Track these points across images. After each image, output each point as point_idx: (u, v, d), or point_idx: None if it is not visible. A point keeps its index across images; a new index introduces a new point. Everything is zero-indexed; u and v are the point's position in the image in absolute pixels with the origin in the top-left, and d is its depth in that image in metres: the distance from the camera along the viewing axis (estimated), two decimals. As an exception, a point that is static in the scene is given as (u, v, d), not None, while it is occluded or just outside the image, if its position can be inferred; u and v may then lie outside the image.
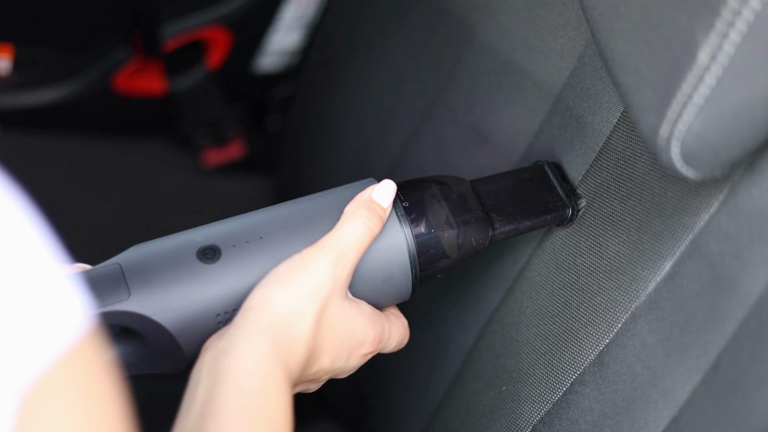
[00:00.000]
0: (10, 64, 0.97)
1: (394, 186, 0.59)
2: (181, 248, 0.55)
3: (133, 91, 1.03)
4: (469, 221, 0.60)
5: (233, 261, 0.55)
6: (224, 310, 0.54)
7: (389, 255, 0.57)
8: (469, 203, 0.61)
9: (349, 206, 0.57)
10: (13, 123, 1.02)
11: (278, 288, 0.54)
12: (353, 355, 0.57)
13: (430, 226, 0.59)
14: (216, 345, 0.52)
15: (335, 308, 0.55)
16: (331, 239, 0.55)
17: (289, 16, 1.03)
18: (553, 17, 0.68)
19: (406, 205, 0.59)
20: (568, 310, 0.64)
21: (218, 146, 1.11)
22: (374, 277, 0.57)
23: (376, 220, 0.57)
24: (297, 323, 0.53)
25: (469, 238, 0.60)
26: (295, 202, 0.59)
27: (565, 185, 0.64)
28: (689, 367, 0.56)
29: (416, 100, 0.80)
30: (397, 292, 0.59)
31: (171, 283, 0.54)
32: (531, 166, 0.65)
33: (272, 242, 0.56)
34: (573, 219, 0.63)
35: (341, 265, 0.55)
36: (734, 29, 0.46)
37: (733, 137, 0.49)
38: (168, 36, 0.98)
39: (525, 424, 0.66)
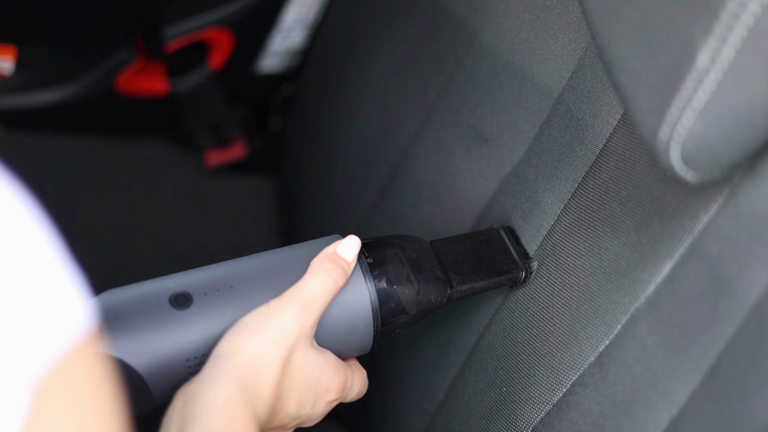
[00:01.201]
0: (13, 64, 0.97)
1: (358, 241, 0.61)
2: (155, 294, 0.58)
3: (136, 91, 1.03)
4: (429, 279, 0.63)
5: (204, 308, 0.57)
6: (194, 356, 0.56)
7: (353, 308, 0.60)
8: (429, 262, 0.64)
9: (315, 260, 0.60)
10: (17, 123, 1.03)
11: (246, 336, 0.56)
12: (319, 401, 0.59)
13: (392, 282, 0.62)
14: (186, 391, 0.54)
15: (301, 355, 0.57)
16: (297, 290, 0.58)
17: (290, 18, 1.03)
18: (553, 20, 0.68)
19: (371, 261, 0.62)
20: (568, 311, 0.64)
21: (220, 147, 1.11)
22: (338, 328, 0.60)
23: (341, 273, 0.60)
24: (264, 369, 0.55)
25: (428, 295, 0.63)
26: (264, 255, 0.62)
27: (519, 249, 0.68)
28: (689, 369, 0.56)
29: (417, 101, 0.80)
30: (359, 344, 0.61)
31: (143, 326, 0.56)
32: (487, 230, 0.69)
33: (242, 292, 0.58)
34: (526, 281, 0.67)
35: (307, 314, 0.57)
36: (733, 33, 0.46)
37: (733, 140, 0.50)
38: (170, 37, 0.98)
39: (525, 425, 0.66)
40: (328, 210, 0.92)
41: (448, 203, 0.76)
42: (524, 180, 0.70)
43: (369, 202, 0.85)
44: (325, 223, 0.92)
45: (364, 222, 0.85)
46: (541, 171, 0.68)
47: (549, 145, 0.68)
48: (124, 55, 0.99)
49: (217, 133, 1.10)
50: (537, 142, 0.69)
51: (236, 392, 0.54)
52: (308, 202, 0.96)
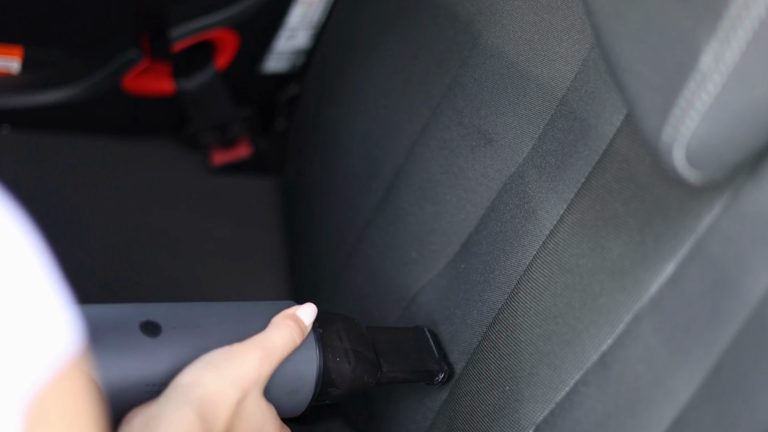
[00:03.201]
0: (20, 64, 0.97)
1: (315, 309, 0.66)
2: (127, 317, 0.60)
3: (142, 91, 1.04)
4: (364, 360, 0.67)
5: (172, 340, 0.60)
6: (153, 382, 0.59)
7: (301, 370, 0.64)
8: (366, 345, 0.68)
9: (277, 316, 0.64)
10: (23, 123, 1.03)
11: (209, 370, 0.58)
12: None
13: (333, 356, 0.65)
14: (145, 412, 0.56)
15: (254, 401, 0.60)
16: (261, 339, 0.62)
17: (295, 18, 1.04)
18: (558, 21, 0.68)
19: (321, 332, 0.66)
20: (571, 310, 0.64)
21: (225, 146, 1.11)
22: (283, 386, 0.63)
23: (299, 333, 0.63)
24: (221, 404, 0.58)
25: (361, 374, 0.67)
26: (230, 304, 0.65)
27: (440, 351, 0.73)
28: (692, 369, 0.56)
29: (422, 102, 0.80)
30: (294, 406, 0.65)
31: (113, 346, 0.58)
32: (414, 328, 0.74)
33: (208, 332, 0.61)
34: (445, 381, 0.71)
35: (267, 363, 0.61)
36: (737, 35, 0.46)
37: (736, 141, 0.50)
38: (176, 38, 0.98)
39: (528, 424, 0.66)
40: (333, 210, 0.92)
41: (452, 203, 0.76)
42: (528, 180, 0.70)
43: (373, 202, 0.85)
44: (329, 222, 0.92)
45: (369, 221, 0.85)
46: (545, 171, 0.68)
47: (553, 146, 0.68)
48: (130, 55, 0.99)
49: (222, 133, 1.10)
50: (541, 143, 0.69)
51: (195, 420, 0.56)
52: (312, 201, 0.97)
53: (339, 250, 0.89)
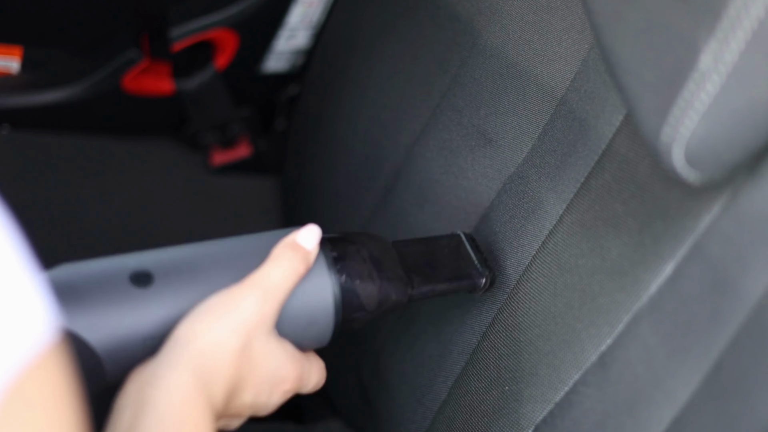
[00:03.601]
0: (20, 64, 0.97)
1: (318, 230, 0.61)
2: (114, 270, 0.56)
3: (142, 91, 1.04)
4: (391, 278, 0.63)
5: (165, 288, 0.56)
6: (152, 336, 0.55)
7: (315, 299, 0.60)
8: (391, 262, 0.64)
9: (275, 248, 0.59)
10: (23, 123, 1.03)
11: (205, 321, 0.55)
12: (275, 391, 0.59)
13: (354, 279, 0.61)
14: (141, 374, 0.53)
15: (260, 344, 0.57)
16: (258, 277, 0.57)
17: (295, 18, 1.04)
18: (557, 21, 0.68)
19: (335, 255, 0.61)
20: (571, 311, 0.64)
21: (225, 146, 1.11)
22: (298, 319, 0.59)
23: (301, 261, 0.59)
24: (221, 356, 0.55)
25: (389, 294, 0.63)
26: (227, 240, 0.61)
27: (480, 255, 0.68)
28: (691, 369, 0.56)
29: (421, 102, 0.80)
30: (317, 336, 0.61)
31: (101, 302, 0.54)
32: (449, 235, 0.69)
33: (204, 275, 0.57)
34: (487, 288, 0.67)
35: (267, 303, 0.57)
36: (736, 35, 0.46)
37: (735, 141, 0.50)
38: (176, 38, 0.98)
39: (527, 424, 0.66)
40: (332, 210, 0.92)
41: (451, 203, 0.76)
42: (527, 180, 0.70)
43: (373, 202, 0.85)
44: (329, 222, 0.92)
45: (368, 221, 0.85)
46: (544, 171, 0.68)
47: (552, 146, 0.68)
48: (130, 55, 0.99)
49: (222, 133, 1.10)
50: (540, 143, 0.70)
51: (192, 380, 0.53)
52: (312, 201, 0.97)
53: (338, 250, 0.89)
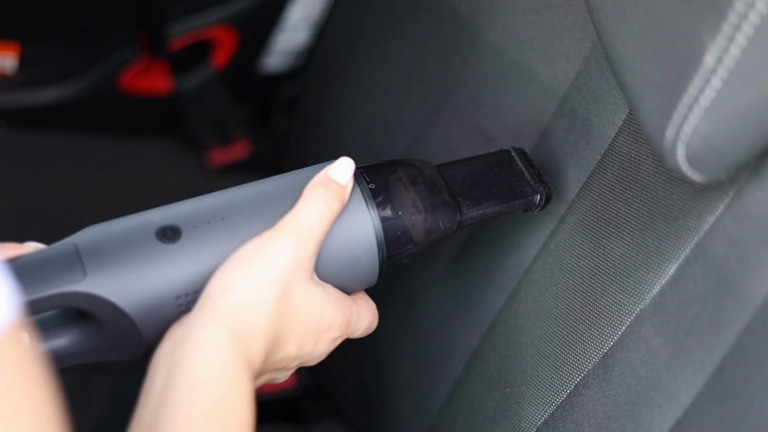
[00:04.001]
0: (17, 62, 0.97)
1: (351, 163, 0.57)
2: (140, 228, 0.54)
3: (139, 90, 1.04)
4: (437, 205, 0.59)
5: (194, 241, 0.53)
6: (185, 292, 0.53)
7: (355, 237, 0.56)
8: (436, 187, 0.60)
9: (306, 187, 0.56)
10: (20, 121, 1.03)
11: (237, 273, 0.52)
12: (321, 340, 0.56)
13: (397, 209, 0.57)
14: (174, 334, 0.51)
15: (299, 291, 0.53)
16: (290, 219, 0.54)
17: (295, 16, 1.03)
18: (559, 19, 0.68)
19: (372, 187, 0.58)
20: (572, 312, 0.64)
21: (223, 146, 1.11)
22: (340, 259, 0.56)
23: (335, 197, 0.55)
24: (257, 308, 0.52)
25: (436, 223, 0.59)
26: (257, 184, 0.58)
27: (533, 171, 0.63)
28: (694, 371, 0.56)
29: (422, 101, 0.80)
30: (363, 276, 0.57)
31: (129, 263, 0.52)
32: (497, 152, 0.64)
33: (234, 223, 0.54)
34: (542, 205, 0.63)
35: (303, 246, 0.53)
36: (741, 32, 0.46)
37: (739, 140, 0.49)
38: (174, 35, 0.98)
39: (529, 426, 0.66)
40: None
41: (452, 203, 0.76)
42: (529, 180, 0.70)
43: (373, 202, 0.85)
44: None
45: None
46: (546, 171, 0.68)
47: (554, 145, 0.68)
48: (127, 54, 0.99)
49: (220, 132, 1.10)
50: (542, 142, 0.69)
51: (226, 337, 0.50)
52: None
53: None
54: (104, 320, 0.52)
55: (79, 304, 0.52)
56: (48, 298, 0.51)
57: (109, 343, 0.53)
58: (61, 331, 0.54)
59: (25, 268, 0.52)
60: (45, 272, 0.51)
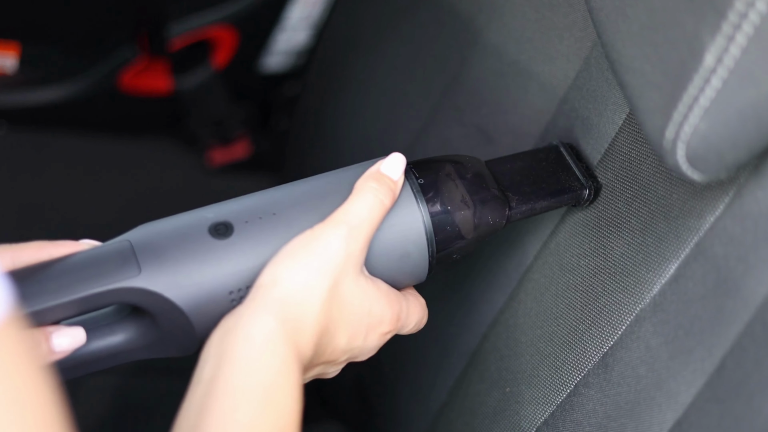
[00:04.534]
0: (17, 62, 0.97)
1: (403, 159, 0.58)
2: (193, 224, 0.55)
3: (139, 89, 1.03)
4: (486, 200, 0.59)
5: (246, 237, 0.54)
6: (237, 288, 0.53)
7: (405, 232, 0.57)
8: (485, 182, 0.60)
9: (359, 181, 0.56)
10: (20, 121, 1.03)
11: (288, 265, 0.53)
12: (371, 333, 0.56)
13: (446, 205, 0.58)
14: (224, 324, 0.51)
15: (350, 284, 0.54)
16: (341, 213, 0.55)
17: (295, 16, 1.03)
18: (559, 19, 0.68)
19: (422, 183, 0.58)
20: (573, 312, 0.64)
21: (224, 145, 1.11)
22: (390, 254, 0.56)
23: (387, 192, 0.56)
24: (308, 300, 0.52)
25: (485, 218, 0.59)
26: (307, 181, 0.59)
27: (581, 165, 0.64)
28: (693, 370, 0.56)
29: (422, 100, 0.80)
30: (413, 271, 0.58)
31: (182, 259, 0.53)
32: (546, 147, 0.65)
33: (285, 218, 0.55)
34: (591, 199, 0.63)
35: (353, 239, 0.54)
36: (740, 32, 0.46)
37: (739, 140, 0.49)
38: (174, 35, 0.98)
39: (529, 425, 0.66)
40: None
41: (452, 203, 0.76)
42: (529, 179, 0.70)
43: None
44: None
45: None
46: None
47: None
48: (127, 53, 0.99)
49: (220, 132, 1.10)
50: (542, 142, 0.69)
51: (276, 326, 0.50)
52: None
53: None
54: (159, 316, 0.53)
55: (134, 299, 0.52)
56: (104, 293, 0.52)
57: (163, 338, 0.54)
58: (117, 328, 0.55)
59: (81, 264, 0.53)
60: (101, 268, 0.52)
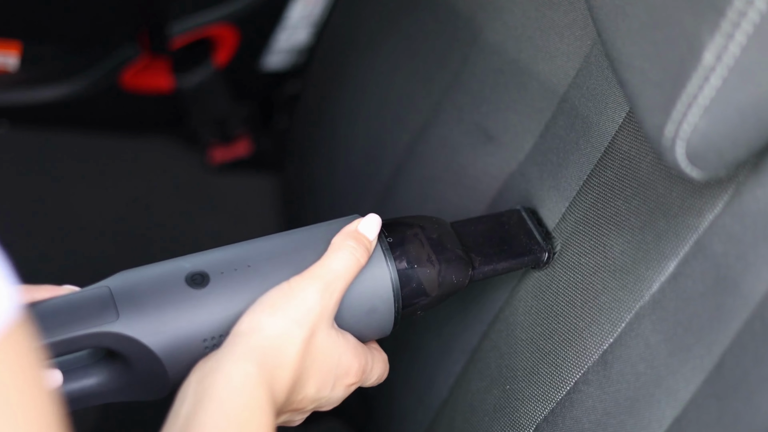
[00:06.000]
0: (18, 60, 0.97)
1: (379, 219, 0.60)
2: (170, 273, 0.57)
3: (141, 88, 1.04)
4: (450, 259, 0.62)
5: (221, 287, 0.56)
6: (211, 336, 0.55)
7: (374, 288, 0.59)
8: (450, 243, 0.63)
9: (336, 237, 0.59)
10: (21, 119, 1.03)
11: (267, 313, 0.55)
12: (338, 384, 0.58)
13: (413, 263, 0.61)
14: (203, 366, 0.53)
15: (323, 336, 0.56)
16: (319, 268, 0.57)
17: (296, 15, 1.04)
18: (559, 17, 0.68)
19: (391, 241, 0.61)
20: (572, 309, 0.64)
21: (225, 144, 1.11)
22: (358, 308, 0.59)
23: (363, 251, 0.58)
24: (285, 347, 0.54)
25: (449, 277, 0.62)
26: (282, 235, 0.61)
27: (541, 229, 0.67)
28: (693, 367, 0.56)
29: (422, 99, 0.80)
30: (379, 325, 0.60)
31: (160, 306, 0.55)
32: (508, 211, 0.68)
33: (260, 271, 0.57)
34: (549, 262, 0.66)
35: (329, 293, 0.56)
36: (740, 30, 0.46)
37: (738, 138, 0.49)
38: (175, 34, 0.98)
39: (529, 423, 0.66)
40: (333, 207, 0.92)
41: (452, 201, 0.76)
42: (529, 178, 0.70)
43: (373, 200, 0.85)
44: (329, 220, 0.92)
45: (369, 219, 0.85)
46: (546, 169, 0.68)
47: (554, 143, 0.68)
48: (129, 52, 0.99)
49: (221, 130, 1.10)
50: (542, 140, 0.69)
51: (254, 371, 0.52)
52: (313, 199, 0.97)
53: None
54: (133, 360, 0.55)
55: (112, 343, 0.54)
56: (83, 337, 0.53)
57: (136, 382, 0.56)
58: (91, 371, 0.57)
59: (61, 308, 0.54)
60: (80, 312, 0.54)
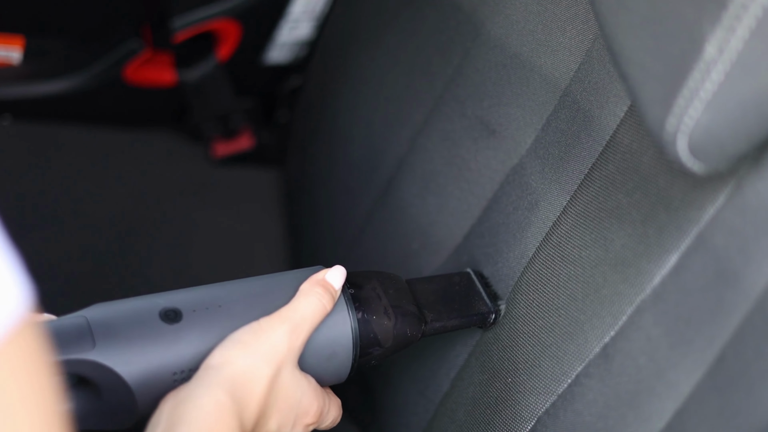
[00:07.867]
0: (21, 54, 0.97)
1: (344, 271, 0.64)
2: (145, 308, 0.59)
3: (143, 82, 1.04)
4: (405, 314, 0.66)
5: (193, 324, 0.59)
6: (181, 369, 0.58)
7: (335, 334, 0.63)
8: (406, 298, 0.67)
9: (305, 284, 0.62)
10: (24, 113, 1.03)
11: (237, 349, 0.58)
12: (298, 423, 0.61)
13: (371, 314, 0.64)
14: (176, 395, 0.56)
15: (288, 375, 0.59)
16: (288, 310, 0.60)
17: (298, 9, 1.03)
18: (561, 11, 0.68)
19: (352, 292, 0.64)
20: (574, 302, 0.64)
21: (227, 138, 1.11)
22: (320, 353, 0.62)
23: (329, 298, 0.62)
24: (253, 382, 0.57)
25: (403, 330, 0.65)
26: (252, 279, 0.64)
27: (489, 291, 0.71)
28: (694, 360, 0.56)
29: (424, 93, 0.80)
30: (337, 371, 0.64)
31: (134, 338, 0.57)
32: (459, 273, 0.72)
33: (230, 310, 0.60)
34: (495, 322, 0.69)
35: (296, 335, 0.60)
36: (741, 24, 0.46)
37: (740, 131, 0.50)
38: (178, 28, 0.98)
39: (530, 415, 0.66)
40: (335, 201, 0.92)
41: (454, 194, 0.76)
42: (530, 171, 0.70)
43: (375, 194, 0.85)
44: (331, 214, 0.92)
45: (371, 213, 0.85)
46: (548, 162, 0.68)
47: (556, 137, 0.68)
48: (131, 46, 0.99)
49: (224, 124, 1.10)
50: (544, 134, 0.69)
51: (226, 400, 0.55)
52: (314, 193, 0.97)
53: (341, 242, 0.89)
54: (105, 389, 0.57)
55: (86, 371, 0.56)
56: (59, 363, 0.55)
57: (104, 411, 0.58)
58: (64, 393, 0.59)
59: None
60: (57, 339, 0.56)
